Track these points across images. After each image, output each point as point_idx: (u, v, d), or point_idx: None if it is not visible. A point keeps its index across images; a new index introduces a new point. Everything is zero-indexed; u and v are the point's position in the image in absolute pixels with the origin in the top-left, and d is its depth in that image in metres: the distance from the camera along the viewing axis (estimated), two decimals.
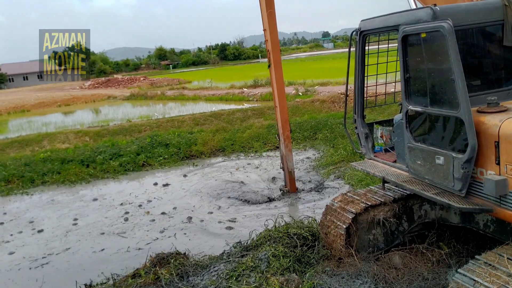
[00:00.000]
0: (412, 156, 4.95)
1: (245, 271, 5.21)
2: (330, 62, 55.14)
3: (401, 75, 4.96)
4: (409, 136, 4.94)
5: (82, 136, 17.59)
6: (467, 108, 4.09)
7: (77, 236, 8.35)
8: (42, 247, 7.97)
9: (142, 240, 7.83)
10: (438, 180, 4.62)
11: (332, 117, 16.20)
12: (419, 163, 4.85)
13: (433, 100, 4.58)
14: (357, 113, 6.22)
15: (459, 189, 4.37)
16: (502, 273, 3.71)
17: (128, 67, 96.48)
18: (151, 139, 14.83)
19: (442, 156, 4.49)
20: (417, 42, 4.70)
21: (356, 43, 5.81)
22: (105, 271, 6.40)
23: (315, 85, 27.33)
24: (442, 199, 4.50)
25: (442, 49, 4.29)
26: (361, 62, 5.92)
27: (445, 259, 5.08)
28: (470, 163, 4.20)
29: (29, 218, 9.58)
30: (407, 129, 4.96)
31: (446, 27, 4.14)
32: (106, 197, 10.69)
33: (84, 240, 8.10)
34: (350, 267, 5.07)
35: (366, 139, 6.19)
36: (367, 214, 5.35)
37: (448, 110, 4.37)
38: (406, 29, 4.71)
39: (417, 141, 4.86)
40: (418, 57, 4.77)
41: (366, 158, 6.18)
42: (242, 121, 18.40)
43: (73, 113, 31.21)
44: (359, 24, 5.78)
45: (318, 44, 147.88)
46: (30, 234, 8.67)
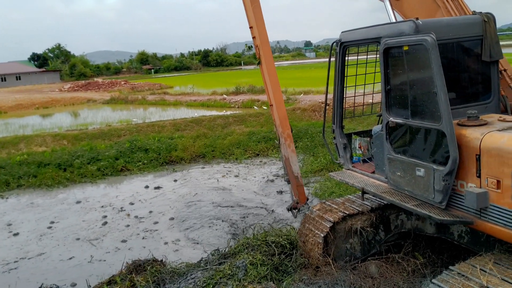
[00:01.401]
0: (392, 168, 4.98)
1: (222, 279, 5.17)
2: (312, 71, 55.62)
3: (382, 87, 4.99)
4: (389, 148, 4.97)
5: (60, 140, 17.30)
6: (449, 121, 4.15)
7: (52, 240, 8.22)
8: (15, 251, 7.81)
9: (114, 246, 7.75)
10: (418, 191, 4.65)
11: (313, 126, 16.31)
12: (399, 174, 4.87)
13: (414, 112, 4.62)
14: (336, 123, 6.25)
15: (440, 201, 4.41)
16: (475, 284, 3.78)
17: (109, 71, 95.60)
18: (130, 144, 14.69)
19: (422, 168, 4.53)
20: (399, 55, 4.74)
21: (336, 54, 5.86)
22: (73, 278, 6.33)
23: (296, 93, 27.51)
24: (422, 210, 4.54)
25: (424, 62, 4.34)
26: (340, 73, 5.96)
27: (420, 269, 5.15)
28: (451, 176, 4.25)
29: (7, 221, 9.39)
30: (387, 140, 4.99)
31: (429, 41, 4.20)
32: (90, 200, 10.59)
33: (57, 246, 7.98)
34: (327, 276, 5.10)
35: (345, 149, 6.22)
36: (345, 223, 5.39)
37: (429, 123, 4.42)
38: (388, 41, 4.75)
39: (397, 153, 4.89)
40: (399, 70, 4.81)
41: (344, 168, 6.22)
42: (223, 127, 18.38)
43: (51, 116, 30.69)
44: (339, 36, 5.83)
45: (300, 53, 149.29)
46: (6, 237, 8.50)
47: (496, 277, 3.82)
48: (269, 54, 8.56)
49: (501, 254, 4.26)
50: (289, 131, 8.47)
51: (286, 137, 8.46)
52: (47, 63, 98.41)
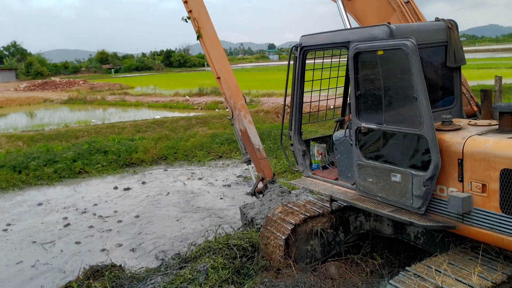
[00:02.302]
0: (362, 174, 4.90)
1: (183, 284, 5.11)
2: (275, 73, 55.95)
3: (351, 93, 4.91)
4: (359, 154, 4.90)
5: (14, 141, 16.66)
6: (431, 126, 4.10)
7: (6, 244, 7.93)
8: None
9: (72, 249, 7.52)
10: (394, 197, 4.58)
11: (276, 128, 16.40)
12: (371, 180, 4.81)
13: (390, 117, 4.54)
14: (294, 129, 6.05)
15: (419, 206, 4.37)
16: (430, 285, 3.88)
17: (67, 70, 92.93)
18: (89, 146, 14.30)
19: (399, 174, 4.46)
20: (371, 59, 4.66)
21: (296, 58, 5.72)
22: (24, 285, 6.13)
23: (260, 95, 27.63)
24: (402, 217, 4.46)
25: (403, 66, 4.27)
26: (300, 77, 5.80)
27: (378, 269, 5.26)
28: (432, 181, 4.22)
29: None
30: (356, 146, 4.92)
31: (409, 45, 4.13)
32: (52, 201, 10.31)
33: (11, 250, 7.68)
34: (288, 278, 5.12)
35: (303, 156, 6.07)
36: (306, 225, 5.44)
37: (408, 128, 4.34)
38: (359, 46, 4.67)
39: (368, 159, 4.83)
40: (372, 75, 4.75)
41: (304, 175, 6.07)
42: (185, 129, 18.20)
43: (6, 116, 29.50)
44: (299, 40, 5.72)
45: (264, 55, 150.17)
46: None
47: (451, 277, 3.94)
48: (209, 25, 7.95)
49: (455, 254, 4.40)
50: (243, 101, 7.89)
51: (240, 107, 7.80)
52: (2, 62, 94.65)
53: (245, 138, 7.64)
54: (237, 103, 7.71)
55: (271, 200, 7.39)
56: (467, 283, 3.82)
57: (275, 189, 7.75)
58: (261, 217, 6.83)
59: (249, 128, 7.62)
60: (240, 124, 7.65)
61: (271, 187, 7.81)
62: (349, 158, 5.21)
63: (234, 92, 7.71)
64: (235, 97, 7.69)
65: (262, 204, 7.34)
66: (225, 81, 7.75)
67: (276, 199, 7.34)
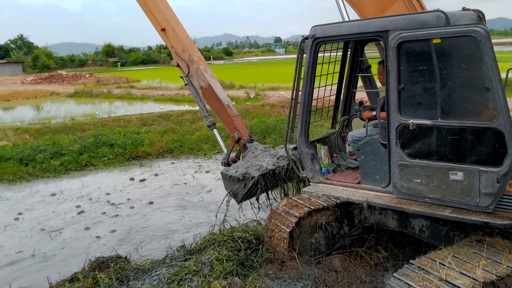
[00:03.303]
0: (406, 175, 4.62)
1: (188, 275, 5.14)
2: (281, 67, 55.80)
3: (390, 87, 4.58)
4: (401, 153, 4.62)
5: (21, 134, 16.78)
6: (507, 118, 3.84)
7: (16, 232, 8.07)
8: None
9: (77, 239, 7.65)
10: (452, 197, 4.35)
11: (282, 122, 16.37)
12: (419, 181, 4.54)
13: (449, 111, 4.25)
14: (301, 131, 5.58)
15: (487, 205, 4.15)
16: (434, 278, 3.89)
17: (73, 63, 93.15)
18: (95, 139, 14.36)
19: (461, 172, 4.21)
20: (422, 49, 4.34)
21: (308, 51, 5.25)
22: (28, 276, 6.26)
23: (266, 89, 27.57)
24: (472, 218, 4.20)
25: (472, 55, 3.99)
26: (310, 73, 5.37)
27: (383, 262, 5.27)
28: (507, 176, 4.00)
29: None
30: (397, 145, 4.63)
31: (482, 32, 3.84)
32: (65, 192, 10.44)
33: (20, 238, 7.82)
34: (292, 270, 5.14)
35: (312, 160, 5.65)
36: (310, 218, 5.45)
37: (476, 122, 4.08)
38: (404, 35, 4.34)
39: (415, 158, 4.54)
40: (423, 66, 4.39)
41: (314, 182, 5.69)
42: (191, 123, 18.23)
43: (13, 109, 29.68)
44: (311, 30, 5.23)
45: (270, 49, 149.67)
46: None
47: (455, 270, 3.95)
48: None
49: (460, 248, 4.40)
50: (200, 54, 6.92)
51: (198, 60, 6.74)
52: (9, 55, 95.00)
53: (209, 95, 6.62)
54: (193, 55, 6.64)
55: (257, 157, 6.65)
56: (471, 276, 3.83)
57: (257, 147, 6.93)
58: (255, 169, 6.19)
59: (214, 83, 6.60)
60: (201, 80, 6.58)
61: (251, 146, 6.98)
62: (377, 159, 4.99)
63: (187, 44, 6.65)
64: (189, 49, 6.62)
65: (247, 162, 6.55)
66: (173, 32, 6.63)
67: (262, 155, 6.67)
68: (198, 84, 6.78)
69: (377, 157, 5.00)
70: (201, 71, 6.53)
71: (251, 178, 6.11)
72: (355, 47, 6.49)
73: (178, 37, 6.69)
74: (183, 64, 6.82)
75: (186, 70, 6.76)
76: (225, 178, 6.51)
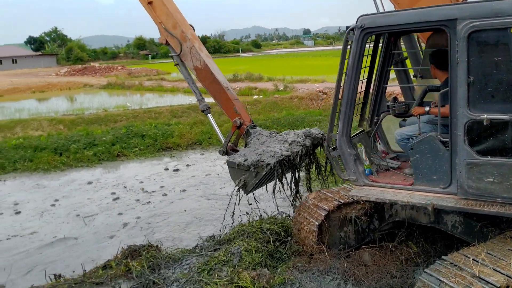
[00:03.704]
0: (475, 174, 4.37)
1: (217, 265, 5.22)
2: (310, 59, 55.43)
3: (457, 79, 4.33)
4: (469, 151, 4.36)
5: (56, 124, 17.27)
6: None
7: (52, 218, 8.38)
8: (11, 228, 7.93)
9: (110, 225, 7.89)
10: None
11: (310, 114, 16.33)
12: (491, 180, 4.30)
13: None
14: (343, 130, 5.17)
15: None
16: (467, 274, 3.82)
17: (105, 56, 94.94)
18: (127, 130, 14.65)
19: None
20: (498, 39, 4.10)
21: (355, 43, 4.86)
22: (63, 261, 6.50)
23: (294, 82, 27.46)
24: None
25: None
26: (356, 67, 4.97)
27: (413, 257, 5.20)
28: None
29: (12, 201, 9.43)
30: (464, 142, 4.36)
31: None
32: (101, 180, 10.77)
33: (56, 223, 8.12)
34: (321, 263, 5.14)
35: (355, 161, 5.25)
36: (339, 212, 5.43)
37: None
38: (476, 23, 4.10)
39: (487, 155, 4.29)
40: (498, 56, 4.14)
41: (358, 184, 5.30)
42: (220, 115, 18.24)
43: (47, 100, 30.56)
44: (360, 20, 4.78)
45: (298, 41, 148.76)
46: (9, 215, 8.62)
47: (488, 267, 3.87)
48: None
49: (494, 244, 4.31)
50: (193, 31, 6.27)
51: (192, 38, 6.07)
52: (44, 47, 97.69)
53: (205, 77, 5.98)
54: (186, 32, 5.93)
55: (264, 143, 6.16)
56: (506, 273, 3.74)
57: (261, 133, 6.44)
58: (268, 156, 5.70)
59: (210, 64, 5.96)
60: (195, 59, 5.91)
61: (255, 132, 6.49)
62: (435, 158, 4.73)
63: (178, 19, 5.96)
64: (182, 25, 5.91)
65: (255, 149, 6.07)
66: (162, 5, 5.91)
67: (269, 141, 6.19)
68: (191, 65, 6.10)
69: (436, 156, 4.71)
70: (196, 50, 5.81)
71: (265, 166, 5.63)
72: (389, 39, 6.30)
73: (168, 10, 5.96)
74: (174, 42, 6.06)
75: (177, 48, 6.02)
76: (232, 167, 5.99)
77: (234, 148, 6.40)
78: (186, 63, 6.22)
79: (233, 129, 6.29)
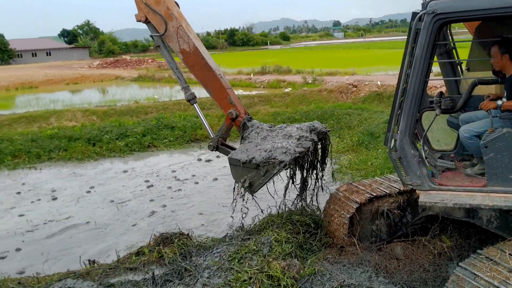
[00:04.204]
0: None
1: (248, 254, 5.27)
2: (339, 51, 54.78)
3: None
4: None
5: (89, 115, 17.67)
6: None
7: (88, 204, 8.72)
8: (48, 214, 8.24)
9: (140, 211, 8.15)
10: None
11: (339, 107, 16.15)
12: None
13: None
14: (406, 130, 4.61)
15: None
16: (503, 268, 3.74)
17: (136, 48, 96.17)
18: (157, 121, 14.88)
19: None
20: None
21: (425, 31, 4.31)
22: (96, 246, 6.76)
23: (323, 74, 27.21)
24: None
25: None
26: (425, 57, 4.44)
27: (447, 252, 5.12)
28: None
29: (50, 188, 9.80)
30: None
31: None
32: (137, 169, 11.10)
33: (91, 209, 8.45)
34: (352, 256, 5.13)
35: (419, 164, 4.72)
36: (371, 205, 5.38)
37: None
38: None
39: None
40: None
41: (421, 189, 4.78)
42: (248, 107, 18.33)
43: (80, 92, 31.29)
44: (431, 5, 4.18)
45: (328, 33, 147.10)
46: (46, 201, 8.97)
47: None
48: None
49: None
50: (179, 9, 5.60)
51: (178, 17, 5.39)
52: (77, 40, 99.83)
53: (194, 62, 5.31)
54: (171, 9, 5.23)
55: (266, 138, 5.62)
56: None
57: (260, 126, 5.90)
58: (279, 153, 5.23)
59: (200, 47, 5.30)
60: (183, 41, 5.21)
61: (252, 125, 5.93)
62: None
63: None
64: (168, 1, 5.26)
65: (258, 144, 5.54)
66: None
67: (271, 135, 5.68)
68: (177, 47, 5.41)
69: None
70: (184, 30, 5.08)
71: (277, 164, 5.13)
72: None
73: None
74: (156, 20, 5.35)
75: (161, 28, 5.26)
76: (235, 165, 5.44)
77: (224, 142, 5.83)
78: (171, 45, 5.53)
79: (227, 122, 5.70)
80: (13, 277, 5.52)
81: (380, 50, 52.53)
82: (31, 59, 78.92)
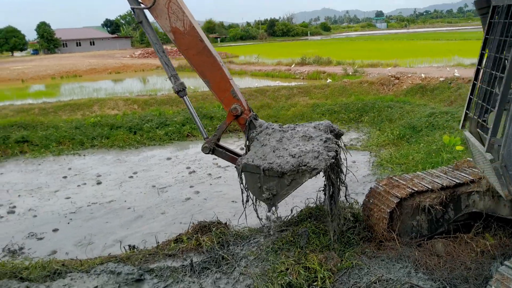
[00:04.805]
0: None
1: (285, 245, 5.28)
2: (381, 42, 53.61)
3: None
4: None
5: (131, 104, 18.08)
6: None
7: (131, 188, 9.04)
8: (92, 197, 8.62)
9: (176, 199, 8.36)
10: None
11: (380, 100, 15.82)
12: None
13: None
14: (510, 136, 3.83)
15: None
16: None
17: None
18: (196, 111, 15.03)
19: None
20: None
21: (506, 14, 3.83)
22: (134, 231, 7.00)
23: (364, 66, 26.70)
24: None
25: None
26: None
27: (490, 250, 4.94)
28: None
29: (95, 173, 10.20)
30: None
31: None
32: (180, 156, 11.43)
33: (134, 193, 8.75)
34: (391, 251, 5.04)
35: None
36: (412, 200, 5.27)
37: None
38: None
39: None
40: None
41: None
42: (287, 98, 18.30)
43: (122, 81, 32.04)
44: None
45: (370, 23, 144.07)
46: (91, 185, 9.36)
47: None
48: None
49: None
50: None
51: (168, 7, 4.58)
52: (119, 30, 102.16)
53: (188, 44, 4.51)
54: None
55: (282, 140, 4.96)
56: None
57: (271, 127, 5.24)
58: (310, 158, 4.61)
59: (198, 27, 4.57)
60: (175, 17, 4.41)
61: (260, 125, 5.22)
62: None
63: None
64: None
65: (275, 148, 4.82)
66: None
67: (286, 137, 5.06)
68: (168, 25, 4.58)
69: None
70: (177, 5, 4.31)
71: (310, 171, 4.49)
72: None
73: None
74: None
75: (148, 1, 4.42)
76: (251, 172, 4.70)
77: (218, 144, 5.07)
78: (159, 22, 4.72)
79: (229, 119, 4.88)
80: (43, 257, 5.75)
81: (424, 42, 51.04)
82: (75, 48, 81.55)
